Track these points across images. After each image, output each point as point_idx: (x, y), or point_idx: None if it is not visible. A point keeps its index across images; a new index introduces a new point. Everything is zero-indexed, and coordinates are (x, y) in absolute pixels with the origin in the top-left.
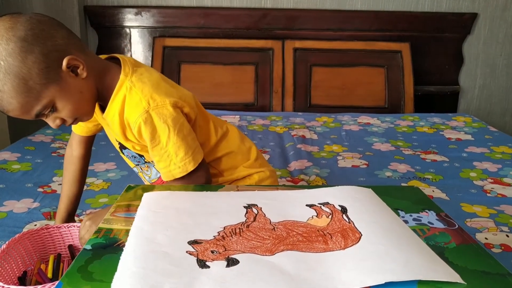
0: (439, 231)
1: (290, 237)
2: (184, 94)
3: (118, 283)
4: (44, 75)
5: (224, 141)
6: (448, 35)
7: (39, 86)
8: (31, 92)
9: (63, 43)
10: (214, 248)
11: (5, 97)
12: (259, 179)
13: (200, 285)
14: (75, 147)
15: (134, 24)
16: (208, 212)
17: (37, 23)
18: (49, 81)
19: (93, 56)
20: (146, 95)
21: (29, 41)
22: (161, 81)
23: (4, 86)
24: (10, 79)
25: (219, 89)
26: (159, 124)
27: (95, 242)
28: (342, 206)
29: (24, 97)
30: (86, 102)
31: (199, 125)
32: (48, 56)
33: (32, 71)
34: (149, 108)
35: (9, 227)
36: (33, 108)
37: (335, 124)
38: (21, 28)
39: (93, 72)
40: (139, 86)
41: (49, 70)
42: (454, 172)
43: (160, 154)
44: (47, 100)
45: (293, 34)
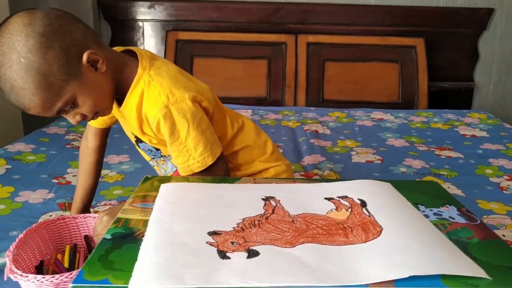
0: (460, 226)
1: (310, 230)
2: (201, 88)
3: (139, 273)
4: (64, 71)
5: (240, 135)
6: (464, 30)
7: (60, 82)
8: (53, 89)
9: (82, 38)
10: (234, 239)
11: (27, 94)
12: (275, 173)
13: (222, 276)
14: (90, 139)
15: (147, 18)
16: (226, 204)
17: (55, 18)
18: (70, 77)
19: (110, 50)
20: (165, 90)
21: (49, 36)
22: (178, 74)
23: (26, 83)
24: (31, 76)
25: (231, 83)
26: (179, 119)
27: (114, 231)
28: (361, 200)
29: (45, 94)
30: (105, 96)
31: (216, 119)
32: (68, 51)
33: (53, 67)
34: (169, 103)
35: (24, 217)
36: (54, 104)
37: (348, 120)
38: (40, 23)
39: (111, 66)
40: (158, 80)
41: (70, 65)
42: (470, 168)
43: (179, 149)
44: (68, 96)
45: (307, 29)
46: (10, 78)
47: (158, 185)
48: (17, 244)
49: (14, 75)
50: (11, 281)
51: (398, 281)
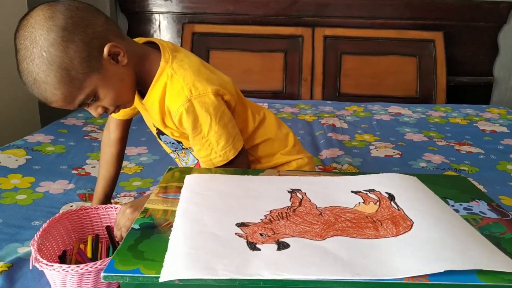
0: (492, 221)
1: (339, 223)
2: (224, 81)
3: (171, 263)
4: (86, 64)
5: (262, 128)
6: (483, 24)
7: (82, 75)
8: (74, 82)
9: (103, 30)
10: (262, 231)
11: (49, 88)
12: (297, 166)
13: (253, 268)
14: (112, 130)
15: (163, 10)
16: (252, 195)
17: (76, 10)
18: (91, 70)
19: (132, 42)
20: (188, 83)
21: (70, 30)
22: (201, 67)
23: (48, 77)
24: (53, 70)
25: (247, 76)
26: (201, 113)
27: (142, 222)
28: (389, 193)
29: (67, 88)
30: (127, 89)
31: (238, 112)
32: (89, 44)
33: (74, 61)
34: (191, 97)
35: (46, 207)
36: (76, 98)
37: (365, 114)
38: (61, 17)
39: (133, 58)
40: (181, 73)
41: (91, 59)
42: (491, 164)
43: (201, 143)
44: (90, 89)
45: (324, 22)
46: (32, 72)
47: (182, 176)
48: (41, 233)
49: (36, 69)
50: (35, 270)
51: (433, 276)
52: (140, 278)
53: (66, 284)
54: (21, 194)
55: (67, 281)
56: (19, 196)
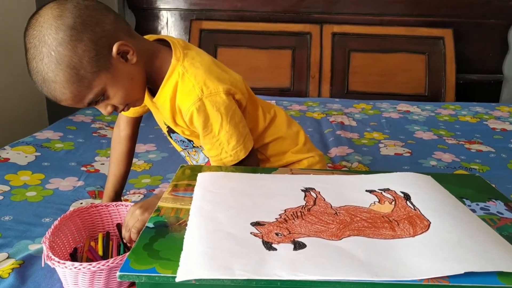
0: (511, 221)
1: (355, 223)
2: (235, 79)
3: (187, 262)
4: (95, 63)
5: (272, 126)
6: (493, 21)
7: (91, 74)
8: (83, 81)
9: (112, 28)
10: (278, 231)
11: (58, 87)
12: (308, 165)
13: (271, 268)
14: (122, 128)
15: (171, 7)
16: (266, 194)
17: (85, 9)
18: (100, 69)
19: (142, 40)
20: (200, 82)
21: (78, 29)
22: (212, 65)
23: (57, 76)
24: (62, 69)
25: (255, 73)
26: (212, 112)
27: (156, 220)
28: (404, 193)
29: (76, 87)
30: (137, 88)
31: (248, 111)
32: (98, 43)
33: (83, 60)
34: (203, 96)
35: (56, 204)
36: (85, 97)
37: (374, 111)
38: (69, 15)
39: (143, 56)
40: (192, 71)
41: (100, 58)
42: (502, 163)
43: (211, 142)
44: (99, 88)
45: (332, 18)
46: (41, 71)
47: (194, 174)
48: (53, 231)
49: (45, 68)
50: (46, 267)
51: (452, 277)
52: (157, 277)
53: (78, 282)
54: (31, 191)
55: (79, 279)
56: (29, 193)
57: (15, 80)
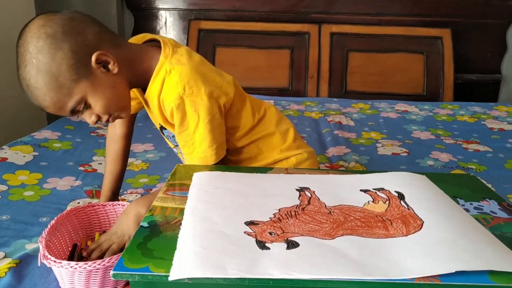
0: (504, 220)
1: (348, 222)
2: (223, 81)
3: (180, 261)
4: (74, 71)
5: (261, 124)
6: (492, 21)
7: (70, 82)
8: (62, 88)
9: (94, 39)
10: (271, 230)
11: (39, 94)
12: (296, 162)
13: (264, 267)
14: (118, 126)
15: (170, 6)
16: (261, 193)
17: (69, 20)
18: (80, 77)
19: (129, 47)
20: (183, 80)
21: (58, 38)
22: (200, 65)
23: (37, 83)
24: (41, 76)
25: (253, 73)
26: (190, 111)
27: (151, 219)
28: (398, 192)
29: (56, 93)
30: (119, 97)
31: (237, 110)
32: (78, 52)
33: (61, 67)
34: (184, 94)
35: (53, 203)
36: (66, 104)
37: (372, 111)
38: (52, 25)
39: (128, 65)
40: (178, 69)
41: (79, 66)
42: (499, 162)
43: (185, 140)
44: (79, 96)
45: (330, 18)
46: (25, 78)
47: (190, 174)
48: (49, 230)
49: (27, 75)
50: (43, 266)
51: (444, 276)
52: (150, 276)
53: (74, 281)
54: (29, 190)
55: (75, 278)
56: (26, 192)
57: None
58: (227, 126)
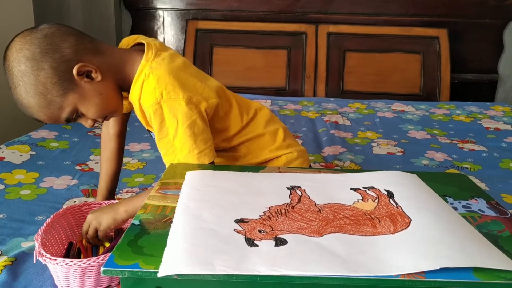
0: (491, 219)
1: (337, 220)
2: (206, 85)
3: (170, 258)
4: (59, 87)
5: (250, 126)
6: (489, 21)
7: (58, 97)
8: (53, 104)
9: (71, 52)
10: (261, 228)
11: (34, 111)
12: (286, 161)
13: (251, 264)
14: (111, 125)
15: (167, 6)
16: (252, 192)
17: (44, 38)
18: (66, 91)
19: (111, 53)
20: (161, 86)
21: (37, 59)
22: (180, 70)
23: (29, 103)
24: (31, 97)
25: (251, 73)
26: (169, 117)
27: (142, 217)
28: (388, 191)
29: (48, 110)
30: (108, 101)
31: (222, 114)
32: (58, 68)
33: (47, 86)
34: (161, 100)
35: (49, 202)
36: (59, 117)
37: (368, 111)
38: (29, 47)
39: (111, 70)
40: (156, 73)
41: (63, 81)
42: (494, 162)
43: (166, 147)
44: (70, 108)
45: (327, 18)
46: (17, 98)
47: (183, 173)
48: (45, 228)
49: (19, 96)
50: (38, 264)
51: (428, 273)
52: (139, 273)
53: (69, 278)
54: (25, 189)
55: (70, 275)
56: (23, 191)
57: None
58: (215, 129)
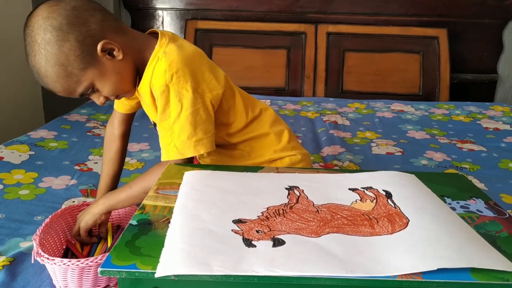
0: (489, 219)
1: (335, 220)
2: (213, 77)
3: (167, 259)
4: (81, 60)
5: (255, 123)
6: (488, 21)
7: (78, 71)
8: (71, 77)
9: (98, 28)
10: (259, 228)
11: (50, 81)
12: (290, 163)
13: (249, 264)
14: (116, 126)
15: (166, 6)
16: (250, 192)
17: (72, 10)
18: (87, 65)
19: (132, 34)
20: (172, 69)
21: (64, 29)
22: (192, 58)
23: (47, 72)
24: (51, 66)
25: (250, 73)
26: (174, 101)
27: (140, 218)
28: (386, 191)
29: (65, 82)
30: (125, 81)
31: (226, 108)
32: (83, 42)
33: (69, 58)
34: (170, 83)
35: (48, 202)
36: (75, 90)
37: (367, 111)
38: (57, 17)
39: (131, 51)
40: (169, 58)
41: (86, 55)
42: (493, 162)
43: (165, 129)
44: (87, 83)
45: (327, 18)
46: (34, 67)
47: (182, 173)
48: (43, 228)
49: (37, 64)
50: (36, 264)
51: (426, 273)
52: (137, 273)
53: (67, 278)
54: (24, 189)
55: (68, 275)
56: (22, 191)
57: (12, 79)
58: (219, 122)
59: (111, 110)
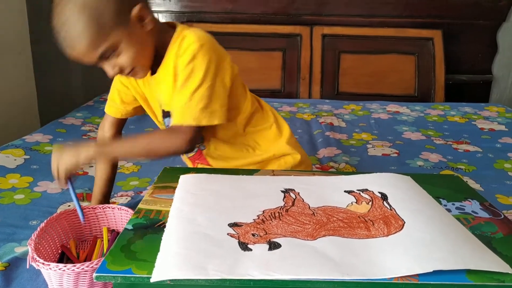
0: (484, 220)
1: (331, 223)
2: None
3: (162, 263)
4: (116, 16)
5: (258, 115)
6: (483, 22)
7: (109, 25)
8: (101, 30)
9: None
10: (254, 231)
11: (76, 32)
12: (293, 162)
13: (244, 268)
14: (107, 129)
15: (162, 9)
16: (246, 195)
17: None
18: (118, 23)
19: (154, 17)
20: (201, 41)
21: None
22: (213, 38)
23: (78, 20)
24: (85, 14)
25: (245, 75)
26: (198, 70)
27: (135, 222)
28: (382, 193)
29: (93, 34)
30: (145, 54)
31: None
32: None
33: (106, 10)
34: (199, 52)
35: (44, 207)
36: (98, 47)
37: (363, 112)
38: None
39: (156, 28)
40: (196, 33)
41: (121, 13)
42: (488, 163)
43: (184, 96)
44: (113, 41)
45: (322, 20)
46: (64, 14)
47: (177, 177)
48: (39, 233)
49: (68, 10)
50: (32, 269)
51: (422, 275)
52: (132, 278)
53: (63, 283)
54: (19, 193)
55: (64, 280)
56: (17, 195)
57: (5, 83)
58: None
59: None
